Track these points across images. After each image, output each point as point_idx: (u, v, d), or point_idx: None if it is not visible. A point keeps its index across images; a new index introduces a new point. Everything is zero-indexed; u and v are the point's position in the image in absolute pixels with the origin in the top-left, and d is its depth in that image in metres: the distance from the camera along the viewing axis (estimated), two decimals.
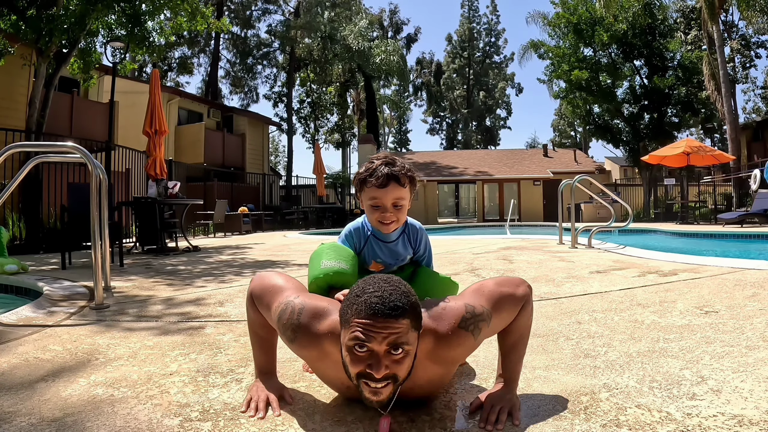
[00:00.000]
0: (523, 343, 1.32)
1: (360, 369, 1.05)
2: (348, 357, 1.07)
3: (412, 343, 1.07)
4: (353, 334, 1.04)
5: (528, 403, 1.30)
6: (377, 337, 1.02)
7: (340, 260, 1.51)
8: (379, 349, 1.03)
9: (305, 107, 30.30)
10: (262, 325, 1.38)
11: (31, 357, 1.80)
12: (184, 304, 2.86)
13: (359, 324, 1.03)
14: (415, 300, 1.08)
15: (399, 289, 1.07)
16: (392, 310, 1.02)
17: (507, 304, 1.26)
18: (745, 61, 27.60)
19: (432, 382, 1.25)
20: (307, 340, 1.20)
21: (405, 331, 1.04)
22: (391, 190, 1.48)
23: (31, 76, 9.13)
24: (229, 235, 11.54)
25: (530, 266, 4.11)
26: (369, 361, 1.04)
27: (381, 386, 1.05)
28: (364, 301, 1.04)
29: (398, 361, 1.05)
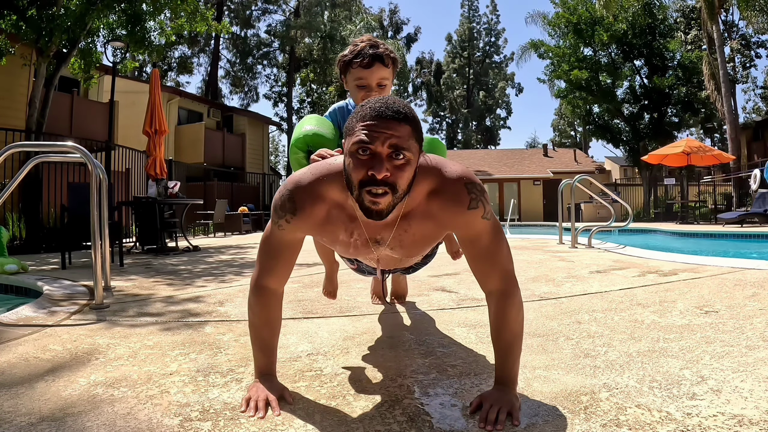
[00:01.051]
0: (518, 342, 1.30)
1: (362, 175, 1.09)
2: (351, 164, 1.11)
3: (413, 152, 1.11)
4: (357, 137, 1.08)
5: (528, 403, 1.30)
6: (380, 137, 1.07)
7: (319, 126, 1.60)
8: (381, 150, 1.07)
9: (305, 107, 30.30)
10: (265, 322, 1.37)
11: (31, 357, 1.80)
12: (185, 303, 2.86)
13: (363, 126, 1.08)
14: (416, 116, 1.13)
15: (401, 102, 1.13)
16: (395, 113, 1.08)
17: (498, 241, 1.27)
18: (745, 61, 27.61)
19: (423, 238, 1.28)
20: (305, 197, 1.22)
21: (407, 137, 1.08)
22: (375, 70, 1.58)
23: (31, 76, 9.12)
24: (229, 235, 11.54)
25: (530, 266, 4.11)
26: (371, 164, 1.08)
27: (381, 192, 1.09)
28: (369, 107, 1.10)
29: (399, 167, 1.09)
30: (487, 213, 1.23)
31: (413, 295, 2.82)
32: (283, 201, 1.24)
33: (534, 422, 1.18)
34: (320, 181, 1.22)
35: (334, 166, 1.24)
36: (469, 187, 1.20)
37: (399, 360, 1.71)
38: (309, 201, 1.23)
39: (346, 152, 1.14)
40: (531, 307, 2.49)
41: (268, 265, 1.33)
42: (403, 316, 2.42)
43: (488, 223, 1.24)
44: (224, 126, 20.43)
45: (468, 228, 1.24)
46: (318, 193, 1.23)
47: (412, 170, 1.13)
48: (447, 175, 1.21)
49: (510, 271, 1.30)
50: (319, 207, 1.24)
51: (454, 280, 3.32)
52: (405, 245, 1.31)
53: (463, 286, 3.12)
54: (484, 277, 1.29)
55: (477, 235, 1.25)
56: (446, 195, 1.20)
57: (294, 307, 2.66)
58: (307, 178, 1.24)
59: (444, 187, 1.21)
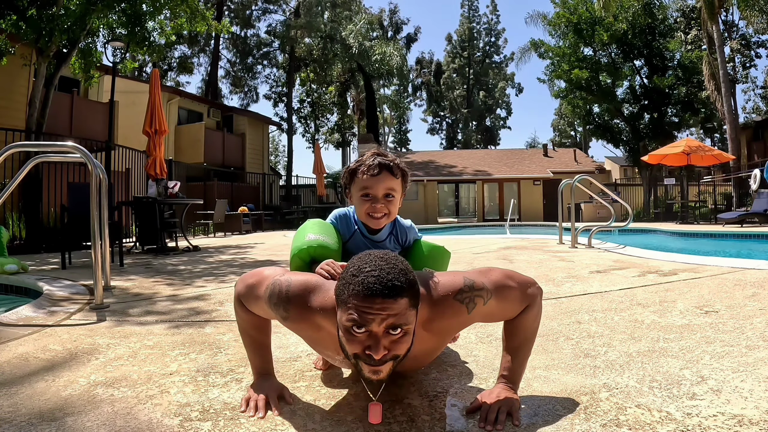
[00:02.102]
0: (528, 346, 1.31)
1: (359, 350, 1.04)
2: (345, 337, 1.05)
3: (411, 322, 1.05)
4: (351, 316, 1.01)
5: (528, 403, 1.30)
6: (376, 319, 1.00)
7: (324, 235, 1.50)
8: (377, 330, 1.01)
9: (305, 107, 30.28)
10: (254, 326, 1.37)
11: (31, 357, 1.80)
12: (185, 303, 2.86)
13: (357, 306, 1.00)
14: (413, 277, 1.05)
15: (397, 267, 1.03)
16: (391, 291, 0.99)
17: (510, 296, 1.25)
18: (745, 61, 27.59)
19: (424, 353, 1.26)
20: (299, 313, 1.20)
21: (404, 311, 1.02)
22: (383, 179, 1.46)
23: (31, 76, 9.12)
24: (229, 235, 11.54)
25: (530, 266, 4.11)
26: (367, 342, 1.03)
27: (380, 366, 1.04)
28: (361, 281, 1.00)
29: (397, 341, 1.04)
30: (487, 297, 1.22)
31: None
32: (277, 301, 1.22)
33: (534, 422, 1.18)
34: (322, 310, 1.18)
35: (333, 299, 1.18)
36: (459, 298, 1.19)
37: None
38: (303, 321, 1.22)
39: (339, 323, 1.06)
40: None
41: (250, 303, 1.34)
42: None
43: (492, 302, 1.23)
44: (224, 126, 20.42)
45: (478, 318, 1.26)
46: (314, 321, 1.20)
47: (410, 336, 1.07)
48: (435, 297, 1.18)
49: (530, 294, 1.29)
50: (311, 328, 1.22)
51: None
52: (407, 366, 1.27)
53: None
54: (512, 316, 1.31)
55: (490, 314, 1.27)
56: (442, 316, 1.19)
57: None
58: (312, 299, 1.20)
59: (436, 311, 1.18)
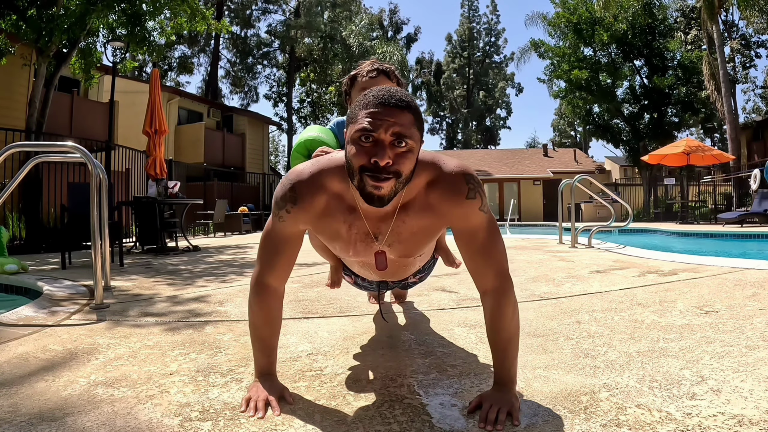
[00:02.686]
0: (514, 343, 1.31)
1: (365, 161, 1.09)
2: (353, 151, 1.11)
3: (415, 140, 1.12)
4: (360, 125, 1.09)
5: (528, 402, 1.30)
6: (383, 125, 1.07)
7: (322, 133, 1.64)
8: (384, 137, 1.08)
9: (305, 107, 30.30)
10: (265, 322, 1.37)
11: (31, 357, 1.80)
12: (185, 303, 2.86)
13: (366, 114, 1.09)
14: (418, 106, 1.14)
15: (403, 91, 1.14)
16: (398, 101, 1.09)
17: (493, 237, 1.27)
18: (745, 61, 27.60)
19: (420, 230, 1.28)
20: (306, 188, 1.23)
21: (409, 125, 1.09)
22: (381, 81, 1.62)
23: (31, 76, 9.12)
24: (229, 235, 11.54)
25: (530, 266, 4.11)
26: (374, 151, 1.08)
27: (383, 177, 1.08)
28: (371, 95, 1.11)
29: (402, 154, 1.10)
30: (484, 206, 1.24)
31: (413, 295, 2.82)
32: (284, 192, 1.25)
33: (534, 422, 1.18)
34: (321, 172, 1.24)
35: (335, 159, 1.26)
36: (467, 178, 1.22)
37: (399, 360, 1.71)
38: (309, 191, 1.23)
39: (348, 139, 1.14)
40: (531, 307, 2.49)
41: (268, 262, 1.33)
42: (402, 316, 2.42)
43: (485, 217, 1.25)
44: (224, 126, 20.42)
45: (465, 220, 1.25)
46: (318, 183, 1.24)
47: (414, 158, 1.14)
48: (445, 166, 1.23)
49: (505, 270, 1.30)
50: (319, 197, 1.24)
51: (454, 280, 3.32)
52: (403, 239, 1.30)
53: (463, 286, 3.12)
54: (480, 274, 1.29)
55: (474, 228, 1.25)
56: (444, 185, 1.22)
57: (294, 307, 2.66)
58: (308, 169, 1.25)
59: (442, 178, 1.22)
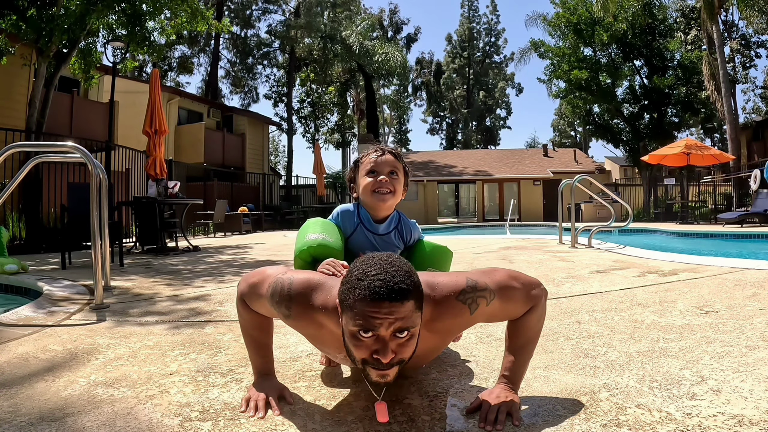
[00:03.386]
0: (530, 347, 1.31)
1: (366, 356, 1.05)
2: (352, 342, 1.06)
3: (417, 324, 1.06)
4: (358, 321, 1.02)
5: (528, 403, 1.30)
6: (383, 323, 1.00)
7: (324, 234, 1.55)
8: (385, 334, 1.02)
9: (305, 107, 30.29)
10: (256, 325, 1.37)
11: (31, 357, 1.80)
12: (185, 303, 2.86)
13: (364, 311, 1.00)
14: (417, 279, 1.06)
15: (402, 270, 1.03)
16: (397, 294, 1.00)
17: (514, 297, 1.24)
18: (745, 61, 27.60)
19: (426, 352, 1.27)
20: (302, 311, 1.20)
21: (410, 314, 1.03)
22: (387, 159, 1.58)
23: (31, 76, 9.12)
24: (229, 235, 11.54)
25: (530, 266, 4.11)
26: (375, 346, 1.03)
27: (387, 371, 1.05)
28: (367, 285, 1.00)
29: (404, 344, 1.05)
30: (490, 298, 1.22)
31: None
32: (280, 298, 1.22)
33: (534, 422, 1.18)
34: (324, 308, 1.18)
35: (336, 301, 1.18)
36: (462, 298, 1.19)
37: None
38: (305, 319, 1.22)
39: (346, 328, 1.06)
40: None
41: (252, 302, 1.33)
42: None
43: (495, 302, 1.23)
44: (224, 126, 20.42)
45: (481, 318, 1.25)
46: (316, 319, 1.20)
47: (416, 339, 1.09)
48: (437, 297, 1.18)
49: (534, 295, 1.28)
50: (314, 327, 1.22)
51: None
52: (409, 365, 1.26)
53: None
54: (515, 317, 1.30)
55: (492, 315, 1.26)
56: (444, 315, 1.19)
57: None
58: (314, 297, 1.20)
59: (439, 311, 1.18)
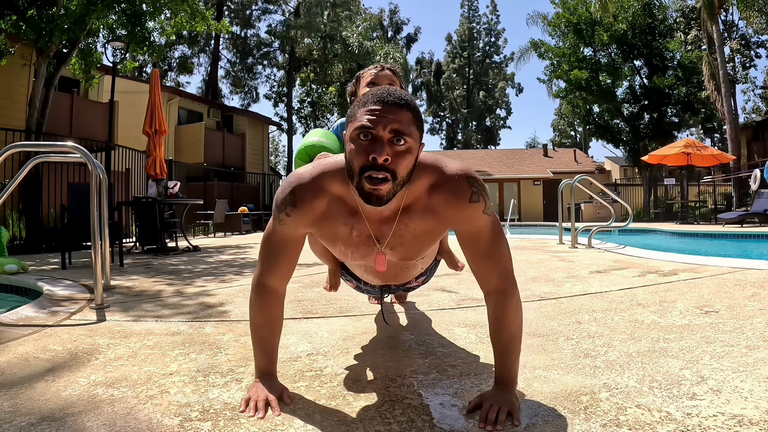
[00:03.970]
0: (516, 343, 1.30)
1: (363, 160, 1.09)
2: (352, 150, 1.12)
3: (415, 139, 1.12)
4: (358, 122, 1.10)
5: (528, 403, 1.30)
6: (382, 122, 1.08)
7: (323, 138, 1.65)
8: (383, 134, 1.08)
9: (305, 107, 30.30)
10: (265, 324, 1.37)
11: (31, 357, 1.80)
12: (185, 303, 2.86)
13: (365, 111, 1.10)
14: (418, 106, 1.15)
15: (403, 91, 1.15)
16: (398, 99, 1.10)
17: (499, 238, 1.27)
18: (745, 61, 27.58)
19: (423, 234, 1.28)
20: (306, 191, 1.23)
21: (408, 123, 1.10)
22: (386, 73, 1.70)
23: (31, 76, 9.12)
24: (229, 235, 11.54)
25: (530, 266, 4.11)
26: (372, 148, 1.08)
27: (381, 177, 1.09)
28: (371, 93, 1.12)
29: (400, 153, 1.10)
30: (488, 209, 1.24)
31: (413, 295, 2.82)
32: (284, 195, 1.25)
33: (534, 422, 1.18)
34: (322, 175, 1.24)
35: (336, 162, 1.26)
36: (470, 181, 1.21)
37: (399, 360, 1.71)
38: (310, 194, 1.24)
39: (347, 139, 1.15)
40: (531, 307, 2.48)
41: (269, 263, 1.33)
42: (402, 316, 2.42)
43: (489, 219, 1.25)
44: (224, 126, 20.42)
45: (469, 223, 1.24)
46: (319, 186, 1.24)
47: (412, 158, 1.13)
48: (447, 169, 1.23)
49: (509, 271, 1.30)
50: (319, 200, 1.24)
51: (454, 280, 3.32)
52: (405, 242, 1.30)
53: (463, 286, 3.12)
54: (484, 276, 1.29)
55: (478, 230, 1.25)
56: (447, 188, 1.21)
57: (294, 307, 2.66)
58: (309, 172, 1.25)
59: (445, 181, 1.22)
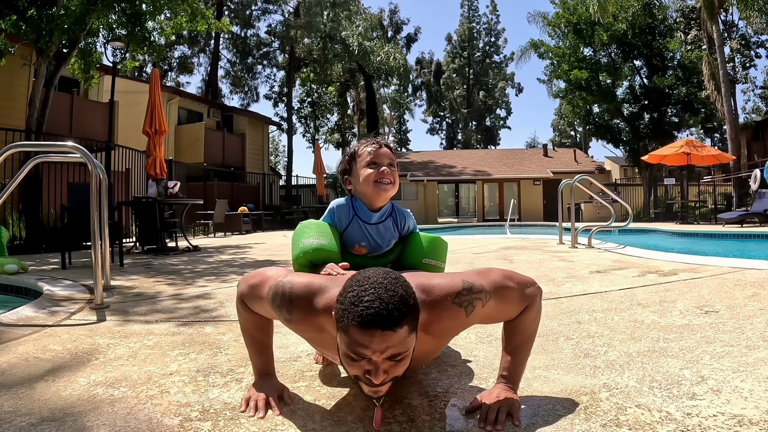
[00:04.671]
0: (527, 346, 1.31)
1: (358, 374, 1.05)
2: (345, 361, 1.06)
3: (411, 347, 1.05)
4: (351, 347, 1.01)
5: (528, 403, 1.30)
6: (376, 352, 1.00)
7: (319, 237, 1.55)
8: (377, 359, 1.01)
9: (305, 107, 30.30)
10: (256, 326, 1.37)
11: (31, 357, 1.80)
12: (185, 303, 2.86)
13: (356, 339, 0.99)
14: (414, 301, 1.04)
15: (397, 294, 1.01)
16: (390, 323, 0.98)
17: (509, 297, 1.24)
18: (745, 61, 27.59)
19: (424, 354, 1.27)
20: (303, 314, 1.20)
21: (403, 340, 1.01)
22: (386, 151, 1.61)
23: (31, 76, 9.12)
24: (229, 235, 11.54)
25: (530, 266, 4.11)
26: (367, 367, 1.03)
27: (380, 387, 1.05)
28: (359, 313, 0.98)
29: (396, 365, 1.04)
30: (486, 299, 1.21)
31: None
32: (282, 302, 1.22)
33: (534, 422, 1.18)
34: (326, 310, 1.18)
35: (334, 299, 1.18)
36: (458, 301, 1.18)
37: None
38: (305, 323, 1.22)
39: (340, 346, 1.06)
40: None
41: (253, 303, 1.33)
42: None
43: (491, 303, 1.22)
44: (224, 126, 20.42)
45: (477, 320, 1.25)
46: (317, 323, 1.20)
47: (409, 357, 1.07)
48: (432, 302, 1.18)
49: (529, 294, 1.27)
50: (314, 330, 1.23)
51: None
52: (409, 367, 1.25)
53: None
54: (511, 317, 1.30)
55: (488, 316, 1.26)
56: (441, 319, 1.19)
57: None
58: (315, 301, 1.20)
59: (435, 315, 1.18)
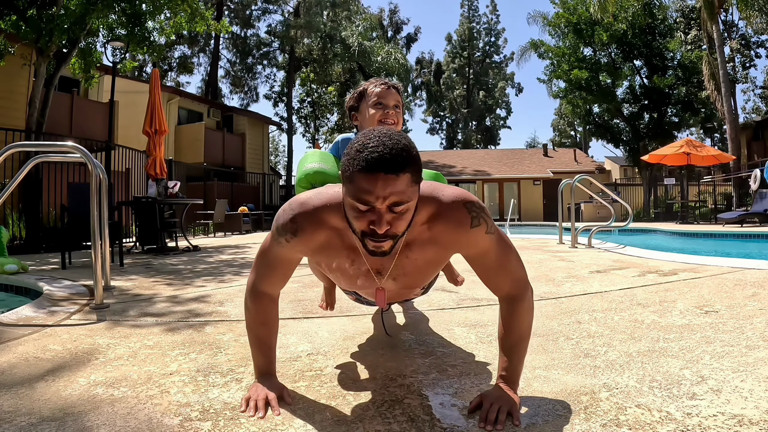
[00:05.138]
0: (523, 344, 1.31)
1: (363, 226, 1.09)
2: (351, 215, 1.11)
3: (413, 198, 1.10)
4: (356, 193, 1.06)
5: (528, 402, 1.30)
6: (380, 196, 1.04)
7: (323, 162, 1.63)
8: (381, 207, 1.06)
9: (305, 107, 30.29)
10: (261, 322, 1.37)
11: (31, 357, 1.80)
12: (185, 303, 2.86)
13: (361, 185, 1.05)
14: (416, 153, 1.09)
15: (401, 143, 1.06)
16: (393, 167, 1.03)
17: (507, 251, 1.27)
18: (745, 61, 27.57)
19: (423, 264, 1.29)
20: (307, 222, 1.22)
21: (405, 188, 1.06)
22: (392, 93, 1.67)
23: (31, 76, 9.12)
24: (229, 235, 11.54)
25: (530, 266, 4.10)
26: (371, 217, 1.08)
27: (382, 239, 1.10)
28: (364, 157, 1.03)
29: (399, 217, 1.09)
30: (491, 228, 1.23)
31: None
32: (285, 221, 1.24)
33: (534, 422, 1.18)
34: (324, 207, 1.22)
35: (338, 195, 1.23)
36: (468, 207, 1.21)
37: (399, 360, 1.71)
38: (310, 225, 1.22)
39: (344, 196, 1.12)
40: None
41: (264, 274, 1.34)
42: (402, 316, 2.42)
43: (493, 237, 1.24)
44: (224, 126, 20.42)
45: (475, 246, 1.25)
46: (320, 218, 1.22)
47: (411, 212, 1.12)
48: (444, 199, 1.21)
49: (521, 277, 1.30)
50: (320, 232, 1.24)
51: None
52: (408, 273, 1.30)
53: (463, 286, 3.11)
54: (497, 287, 1.31)
55: (484, 251, 1.26)
56: (447, 218, 1.21)
57: (294, 307, 2.66)
58: (312, 202, 1.23)
59: (443, 211, 1.21)
